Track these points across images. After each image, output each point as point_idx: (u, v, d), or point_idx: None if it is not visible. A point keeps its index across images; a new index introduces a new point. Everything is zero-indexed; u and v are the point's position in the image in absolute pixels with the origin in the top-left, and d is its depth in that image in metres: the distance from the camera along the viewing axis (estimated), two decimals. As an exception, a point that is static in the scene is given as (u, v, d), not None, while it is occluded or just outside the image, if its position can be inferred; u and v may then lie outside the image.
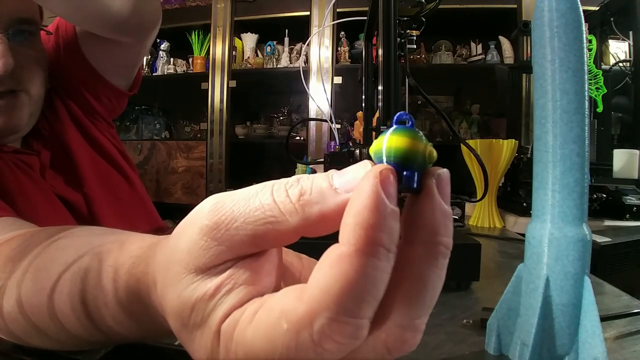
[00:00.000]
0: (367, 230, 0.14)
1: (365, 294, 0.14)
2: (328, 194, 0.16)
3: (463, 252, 0.49)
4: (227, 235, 0.16)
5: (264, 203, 0.16)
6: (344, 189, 0.15)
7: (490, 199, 1.08)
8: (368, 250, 0.14)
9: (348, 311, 0.14)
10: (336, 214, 0.15)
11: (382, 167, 0.15)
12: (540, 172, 0.31)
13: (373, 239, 0.14)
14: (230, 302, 0.16)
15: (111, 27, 0.55)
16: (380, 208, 0.14)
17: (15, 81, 0.51)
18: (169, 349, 0.30)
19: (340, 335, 0.14)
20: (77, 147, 0.62)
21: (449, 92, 2.37)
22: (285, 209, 0.16)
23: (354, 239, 0.14)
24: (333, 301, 0.13)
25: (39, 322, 0.26)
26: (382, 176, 0.14)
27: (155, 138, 2.55)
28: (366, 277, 0.14)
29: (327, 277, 0.14)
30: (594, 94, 1.27)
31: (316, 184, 0.16)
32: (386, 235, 0.14)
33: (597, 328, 0.29)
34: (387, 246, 0.14)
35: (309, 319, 0.14)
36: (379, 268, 0.14)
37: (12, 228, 0.37)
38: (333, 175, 0.16)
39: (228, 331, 0.15)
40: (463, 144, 0.79)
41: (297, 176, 0.17)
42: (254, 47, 2.40)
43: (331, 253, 0.14)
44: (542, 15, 0.31)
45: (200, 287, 0.16)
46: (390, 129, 0.16)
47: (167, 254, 0.18)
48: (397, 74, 0.49)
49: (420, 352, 0.34)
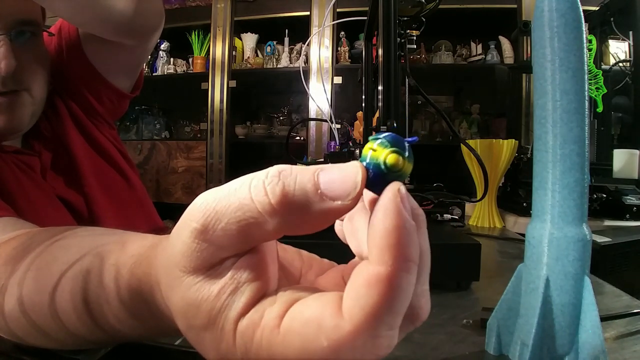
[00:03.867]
0: (401, 250, 0.14)
1: (402, 308, 0.15)
2: (313, 200, 0.15)
3: (463, 252, 0.50)
4: (216, 236, 0.16)
5: (243, 203, 0.15)
6: (331, 194, 0.15)
7: (490, 199, 1.08)
8: (403, 269, 0.14)
9: (388, 326, 0.14)
10: (319, 222, 0.16)
11: (399, 185, 0.15)
12: (540, 172, 0.31)
13: (406, 257, 0.14)
14: (241, 302, 0.16)
15: (114, 29, 0.55)
16: (407, 226, 0.14)
17: (18, 82, 0.51)
18: (169, 349, 0.30)
19: (380, 348, 0.15)
20: (78, 148, 0.62)
21: (449, 92, 2.37)
22: (264, 209, 0.15)
23: (390, 260, 0.14)
24: (376, 321, 0.14)
25: (39, 321, 0.26)
26: (401, 195, 0.15)
27: (155, 138, 2.55)
28: (404, 294, 0.14)
29: (368, 298, 0.14)
30: (594, 94, 1.27)
31: (300, 184, 0.15)
32: (414, 250, 0.15)
33: (597, 328, 0.29)
34: (416, 260, 0.15)
35: (352, 339, 0.14)
36: (411, 282, 0.15)
37: (14, 228, 0.37)
38: (319, 174, 0.15)
39: (247, 333, 0.15)
40: (463, 144, 0.80)
41: (278, 167, 0.16)
42: (254, 47, 2.40)
43: (366, 272, 0.14)
44: (542, 15, 0.31)
45: (204, 288, 0.16)
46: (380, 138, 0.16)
47: (167, 257, 0.18)
48: (397, 74, 0.49)
49: (420, 352, 0.34)
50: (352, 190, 0.15)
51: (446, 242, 0.52)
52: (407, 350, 0.35)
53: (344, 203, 0.15)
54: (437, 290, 0.50)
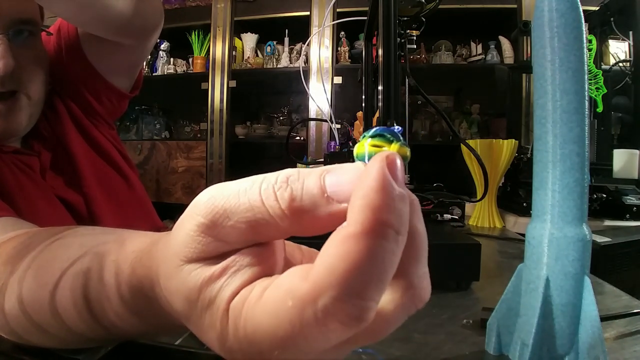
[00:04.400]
0: (375, 211, 0.13)
1: (372, 276, 0.14)
2: (320, 203, 0.15)
3: (463, 252, 0.49)
4: (223, 232, 0.16)
5: (254, 204, 0.16)
6: (338, 196, 0.15)
7: (490, 199, 1.08)
8: (375, 231, 0.13)
9: (353, 291, 0.13)
10: (327, 223, 0.16)
11: (388, 153, 0.15)
12: (540, 172, 0.31)
13: (381, 220, 0.13)
14: (238, 281, 0.16)
15: (113, 29, 0.55)
16: (387, 190, 0.14)
17: (16, 82, 0.51)
18: (169, 349, 0.30)
19: (345, 315, 0.14)
20: (77, 148, 0.62)
21: (449, 92, 2.37)
22: (275, 213, 0.15)
23: (361, 220, 0.13)
24: (338, 280, 0.13)
25: (40, 319, 0.26)
26: (388, 160, 0.14)
27: (155, 138, 2.55)
28: (373, 258, 0.13)
29: (333, 256, 0.14)
30: (594, 94, 1.27)
31: (307, 189, 0.15)
32: (394, 217, 0.14)
33: (597, 328, 0.29)
34: (396, 228, 0.14)
35: (313, 297, 0.14)
36: (387, 250, 0.14)
37: (13, 228, 0.37)
38: (325, 176, 0.16)
39: (237, 308, 0.16)
40: (463, 144, 0.80)
41: (286, 173, 0.16)
42: (254, 47, 2.40)
43: (338, 233, 0.14)
44: (542, 15, 0.31)
45: (205, 270, 0.16)
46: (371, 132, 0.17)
47: (169, 247, 0.18)
48: (397, 74, 0.49)
49: (420, 352, 0.34)
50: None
51: (446, 242, 0.52)
52: (407, 350, 0.35)
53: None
54: (437, 290, 0.50)
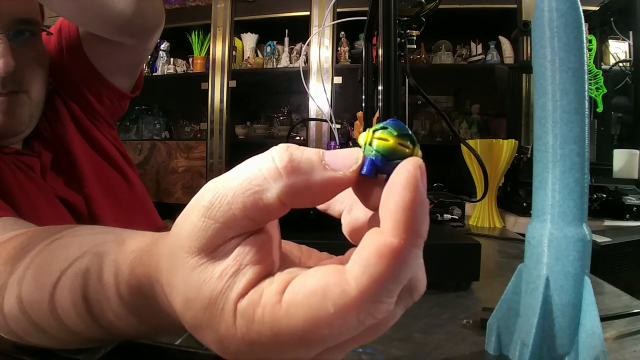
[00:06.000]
0: (416, 226, 0.15)
1: (405, 279, 0.16)
2: (317, 167, 0.16)
3: (463, 252, 0.50)
4: (221, 211, 0.16)
5: (250, 176, 0.16)
6: (334, 164, 0.17)
7: (490, 199, 1.08)
8: (415, 244, 0.15)
9: (391, 294, 0.15)
10: (322, 189, 0.16)
11: (420, 163, 0.16)
12: (540, 172, 0.31)
13: (419, 232, 0.15)
14: (242, 283, 0.16)
15: (114, 29, 0.55)
16: (424, 203, 0.15)
17: (16, 82, 0.51)
18: (169, 349, 0.30)
19: (380, 312, 0.15)
20: (77, 149, 0.62)
21: (449, 92, 2.37)
22: (270, 174, 0.16)
23: (404, 234, 0.15)
24: (382, 288, 0.15)
25: (39, 319, 0.26)
26: (421, 171, 0.15)
27: (155, 138, 2.55)
28: (409, 267, 0.15)
29: (377, 267, 0.15)
30: (594, 94, 1.27)
31: (306, 155, 0.17)
32: (425, 227, 0.15)
33: (597, 328, 0.29)
34: (425, 236, 0.15)
35: (358, 304, 0.15)
36: (418, 256, 0.15)
37: (13, 228, 0.37)
38: (324, 152, 0.17)
39: (247, 312, 0.16)
40: (463, 144, 0.80)
41: (287, 144, 0.17)
42: (254, 47, 2.40)
43: (377, 241, 0.15)
44: (542, 15, 0.31)
45: (207, 270, 0.17)
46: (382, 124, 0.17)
47: (171, 243, 0.18)
48: (397, 74, 0.49)
49: (420, 352, 0.34)
50: (353, 164, 0.17)
51: (446, 242, 0.52)
52: (407, 350, 0.35)
53: (345, 174, 0.17)
54: (437, 290, 0.50)
